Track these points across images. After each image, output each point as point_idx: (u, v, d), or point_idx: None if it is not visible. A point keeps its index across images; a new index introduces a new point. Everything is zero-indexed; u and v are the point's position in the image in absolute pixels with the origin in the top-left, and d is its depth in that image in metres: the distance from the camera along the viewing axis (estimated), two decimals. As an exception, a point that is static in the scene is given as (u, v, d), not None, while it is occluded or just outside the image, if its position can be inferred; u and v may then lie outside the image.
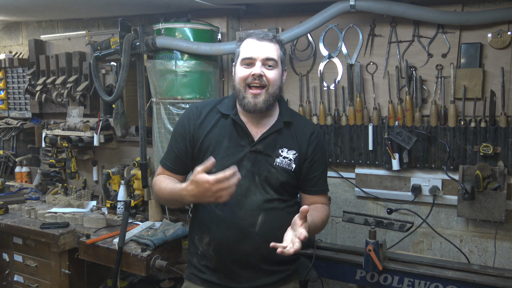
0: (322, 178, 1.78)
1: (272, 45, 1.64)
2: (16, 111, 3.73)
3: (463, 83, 2.30)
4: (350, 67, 2.54)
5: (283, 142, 1.69)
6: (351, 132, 2.56)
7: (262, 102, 1.61)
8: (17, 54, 3.74)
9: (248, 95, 1.61)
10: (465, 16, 2.23)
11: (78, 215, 2.75)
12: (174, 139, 1.76)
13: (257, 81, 1.59)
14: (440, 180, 2.42)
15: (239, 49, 1.67)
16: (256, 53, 1.60)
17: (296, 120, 1.76)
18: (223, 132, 1.68)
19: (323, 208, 1.77)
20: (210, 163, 1.44)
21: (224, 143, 1.66)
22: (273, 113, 1.72)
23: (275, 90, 1.63)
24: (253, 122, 1.69)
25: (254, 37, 1.64)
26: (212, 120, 1.71)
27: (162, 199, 1.72)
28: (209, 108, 1.74)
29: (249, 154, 1.66)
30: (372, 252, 2.07)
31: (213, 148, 1.66)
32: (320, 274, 2.37)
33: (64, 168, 3.41)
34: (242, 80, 1.62)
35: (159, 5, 2.69)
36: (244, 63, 1.63)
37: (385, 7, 2.25)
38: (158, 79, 2.56)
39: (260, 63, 1.60)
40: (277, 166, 1.67)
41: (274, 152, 1.68)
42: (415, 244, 2.58)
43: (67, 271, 2.62)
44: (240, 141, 1.67)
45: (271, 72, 1.61)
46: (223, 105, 1.73)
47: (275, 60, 1.62)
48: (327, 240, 2.78)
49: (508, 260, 2.37)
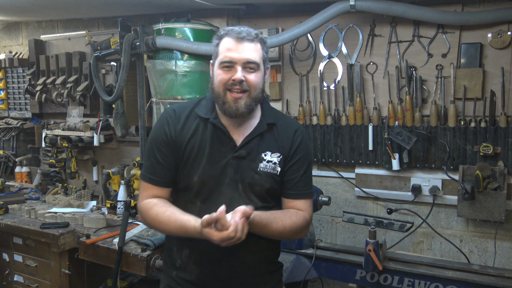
0: (302, 181, 1.62)
1: (254, 46, 1.50)
2: (16, 111, 3.73)
3: (463, 83, 2.30)
4: (350, 67, 2.54)
5: (266, 145, 1.58)
6: (351, 132, 2.56)
7: (243, 106, 1.49)
8: (17, 54, 3.74)
9: (229, 100, 1.49)
10: (465, 16, 2.23)
11: (78, 215, 2.75)
12: (156, 150, 1.59)
13: (238, 86, 1.48)
14: (440, 180, 2.42)
15: (217, 48, 1.52)
16: (236, 56, 1.47)
17: (279, 120, 1.64)
18: (205, 138, 1.56)
19: (295, 214, 1.59)
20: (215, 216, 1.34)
21: (207, 149, 1.55)
22: (255, 115, 1.60)
23: (257, 94, 1.52)
24: (234, 126, 1.57)
25: (233, 36, 1.49)
26: (192, 124, 1.58)
27: (164, 232, 1.61)
28: (188, 112, 1.60)
29: (232, 160, 1.55)
30: (372, 252, 2.07)
31: (196, 155, 1.55)
32: (320, 274, 2.37)
33: (64, 168, 3.41)
34: (221, 84, 1.49)
35: (159, 5, 2.69)
36: (223, 66, 1.49)
37: (385, 7, 2.25)
38: (158, 79, 2.56)
39: (240, 67, 1.47)
40: (261, 172, 1.56)
41: (257, 156, 1.57)
42: (415, 244, 2.57)
43: (67, 271, 2.62)
44: (222, 147, 1.56)
45: (252, 76, 1.49)
46: (201, 108, 1.60)
47: (256, 63, 1.49)
48: (327, 240, 2.78)
49: (508, 260, 2.37)
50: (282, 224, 1.54)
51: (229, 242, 1.37)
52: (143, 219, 1.62)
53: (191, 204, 1.57)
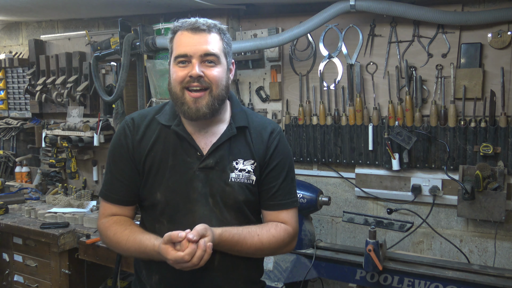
0: (282, 189, 1.44)
1: (211, 37, 1.34)
2: (16, 111, 3.73)
3: (463, 83, 2.30)
4: (350, 67, 2.54)
5: (238, 152, 1.41)
6: (351, 132, 2.56)
7: (205, 106, 1.33)
8: (17, 54, 3.74)
9: (188, 100, 1.33)
10: (465, 16, 2.23)
11: (78, 215, 2.75)
12: (113, 163, 1.44)
13: (196, 83, 1.32)
14: (440, 180, 2.42)
15: (171, 43, 1.38)
16: (191, 48, 1.32)
17: (252, 122, 1.46)
18: (167, 148, 1.40)
19: (274, 226, 1.42)
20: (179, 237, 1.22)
21: (169, 161, 1.39)
22: (223, 118, 1.44)
23: (220, 91, 1.35)
24: (200, 132, 1.41)
25: (187, 28, 1.34)
26: (153, 134, 1.41)
27: (123, 253, 1.46)
28: (148, 120, 1.44)
29: (199, 172, 1.37)
30: (372, 252, 2.07)
31: (157, 169, 1.39)
32: (320, 274, 2.37)
33: (64, 168, 3.41)
34: (178, 83, 1.33)
35: (159, 5, 2.70)
36: (178, 62, 1.34)
37: (385, 7, 2.25)
38: (158, 79, 2.56)
39: (197, 61, 1.32)
40: (233, 183, 1.38)
41: (228, 166, 1.39)
42: (415, 244, 2.57)
43: (67, 271, 2.62)
44: (187, 157, 1.39)
45: (212, 70, 1.33)
46: (163, 114, 1.44)
47: (215, 55, 1.34)
48: (327, 240, 2.78)
49: (508, 260, 2.37)
50: (259, 239, 1.37)
51: (183, 266, 1.23)
52: (102, 239, 1.48)
53: (159, 224, 1.41)
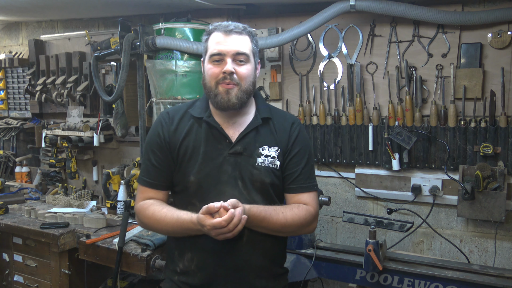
0: (303, 174, 1.59)
1: (242, 38, 1.51)
2: (16, 111, 3.73)
3: (463, 83, 2.30)
4: (350, 67, 2.54)
5: (263, 140, 1.57)
6: (351, 132, 2.56)
7: (234, 97, 1.49)
8: (17, 54, 3.74)
9: (221, 91, 1.50)
10: (465, 16, 2.23)
11: (78, 215, 2.75)
12: (151, 152, 1.60)
13: (228, 79, 1.48)
14: (440, 180, 2.42)
15: (206, 44, 1.54)
16: (225, 47, 1.49)
17: (275, 115, 1.64)
18: (199, 137, 1.56)
19: (297, 206, 1.57)
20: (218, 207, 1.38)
21: (201, 148, 1.55)
22: (250, 111, 1.61)
23: (248, 87, 1.52)
24: (228, 123, 1.58)
25: (221, 30, 1.51)
26: (186, 125, 1.59)
27: (161, 230, 1.60)
28: (181, 114, 1.62)
29: (228, 157, 1.54)
30: (372, 252, 2.07)
31: (190, 155, 1.55)
32: (320, 274, 2.37)
33: (64, 168, 3.41)
34: (212, 78, 1.51)
35: (159, 5, 2.69)
36: (213, 60, 1.50)
37: (385, 7, 2.25)
38: (158, 79, 2.56)
39: (230, 59, 1.48)
40: (260, 167, 1.54)
41: (255, 151, 1.55)
42: (415, 244, 2.57)
43: (67, 271, 2.62)
44: (218, 144, 1.55)
45: (243, 68, 1.50)
46: (195, 108, 1.62)
47: (246, 55, 1.50)
48: (327, 240, 2.78)
49: (508, 260, 2.37)
50: (283, 216, 1.52)
51: (219, 231, 1.37)
52: (139, 220, 1.62)
53: (191, 206, 1.55)
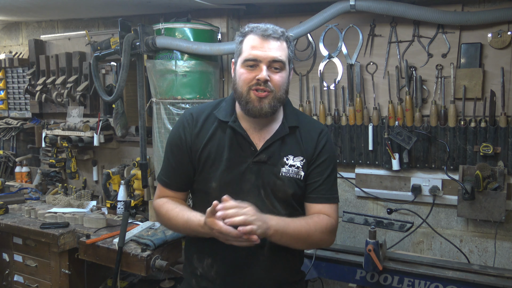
0: (326, 184, 1.54)
1: (280, 44, 1.42)
2: (16, 111, 3.73)
3: (463, 83, 2.30)
4: (350, 67, 2.54)
5: (289, 149, 1.51)
6: (351, 132, 2.56)
7: (267, 106, 1.42)
8: (17, 54, 3.74)
9: (253, 99, 1.42)
10: (465, 16, 2.22)
11: (78, 215, 2.75)
12: (170, 153, 1.58)
13: (262, 86, 1.41)
14: (440, 180, 2.42)
15: (241, 46, 1.46)
16: (261, 54, 1.40)
17: (302, 122, 1.58)
18: (223, 142, 1.51)
19: (317, 216, 1.52)
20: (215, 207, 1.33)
21: (225, 154, 1.50)
22: (277, 117, 1.54)
23: (281, 95, 1.45)
24: (255, 128, 1.51)
25: (259, 33, 1.42)
26: (210, 128, 1.53)
27: (173, 228, 1.59)
28: (206, 115, 1.56)
29: (252, 165, 1.49)
30: (372, 252, 2.07)
31: (213, 160, 1.50)
32: (320, 274, 2.37)
33: (64, 168, 3.41)
34: (245, 84, 1.43)
35: (159, 5, 2.69)
36: (246, 65, 1.43)
37: (385, 7, 2.25)
38: (158, 79, 2.56)
39: (265, 66, 1.40)
40: (284, 177, 1.50)
41: (279, 161, 1.50)
42: (415, 244, 2.57)
43: (67, 271, 2.62)
44: (242, 152, 1.50)
45: (278, 76, 1.42)
46: (221, 110, 1.55)
47: (282, 62, 1.43)
48: (327, 240, 2.78)
49: (508, 260, 2.37)
50: (305, 230, 1.46)
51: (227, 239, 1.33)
52: (156, 216, 1.63)
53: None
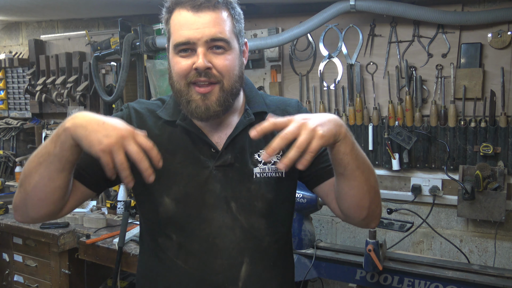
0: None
1: (219, 15, 1.06)
2: (16, 111, 3.73)
3: (463, 83, 2.30)
4: (350, 67, 2.54)
5: (258, 142, 1.12)
6: (351, 132, 2.56)
7: (215, 103, 1.07)
8: (17, 54, 3.74)
9: (195, 97, 1.08)
10: (465, 16, 2.22)
11: (78, 215, 2.75)
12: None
13: (203, 77, 1.06)
14: (440, 180, 2.42)
15: (168, 26, 1.13)
16: (194, 32, 1.04)
17: (271, 105, 1.23)
18: (172, 147, 1.15)
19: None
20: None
21: (176, 161, 1.14)
22: (237, 106, 1.18)
23: (233, 84, 1.09)
24: (211, 125, 1.16)
25: (187, 5, 1.07)
26: (153, 130, 1.16)
27: (28, 184, 1.08)
28: (147, 112, 1.20)
29: (215, 171, 1.13)
30: (372, 252, 2.07)
31: (161, 172, 1.05)
32: (320, 274, 2.37)
33: (64, 168, 3.40)
34: (181, 77, 1.08)
35: (159, 5, 2.69)
36: (179, 50, 1.08)
37: (385, 7, 2.25)
38: (158, 79, 2.56)
39: (203, 48, 1.05)
40: (259, 180, 1.13)
41: (250, 160, 1.15)
42: (415, 244, 2.57)
43: (67, 271, 2.62)
44: (199, 155, 1.14)
45: (222, 59, 1.06)
46: (166, 108, 1.20)
47: (225, 40, 1.06)
48: (327, 240, 2.78)
49: (508, 260, 2.37)
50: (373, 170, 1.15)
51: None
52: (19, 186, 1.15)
53: (165, 239, 1.15)
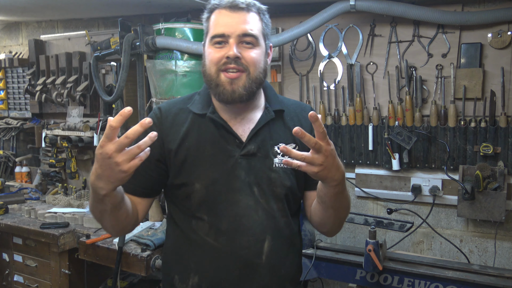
0: None
1: (250, 16, 1.27)
2: (16, 111, 3.73)
3: (463, 83, 2.30)
4: (350, 67, 2.54)
5: (278, 136, 1.34)
6: (351, 132, 2.56)
7: (241, 87, 1.25)
8: (17, 54, 3.74)
9: (223, 81, 1.25)
10: (465, 16, 2.23)
11: (78, 215, 2.75)
12: None
13: (233, 65, 1.24)
14: (440, 180, 2.42)
15: (207, 23, 1.33)
16: (228, 27, 1.25)
17: (288, 105, 1.42)
18: (202, 137, 1.32)
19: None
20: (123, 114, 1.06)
21: (207, 150, 1.31)
22: (259, 104, 1.37)
23: (258, 74, 1.27)
24: (236, 119, 1.34)
25: (224, 6, 1.28)
26: (185, 123, 1.34)
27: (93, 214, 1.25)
28: (177, 109, 1.38)
29: (241, 159, 1.30)
30: (372, 252, 2.07)
31: (194, 158, 1.30)
32: (320, 274, 2.37)
33: (64, 168, 3.41)
34: (213, 64, 1.27)
35: (159, 5, 2.69)
36: (214, 42, 1.28)
37: (385, 7, 2.25)
38: (158, 79, 2.56)
39: (235, 41, 1.25)
40: (278, 168, 1.32)
41: (270, 151, 1.33)
42: (415, 244, 2.57)
43: (67, 271, 2.62)
44: (226, 145, 1.31)
45: (250, 52, 1.26)
46: (195, 103, 1.37)
47: (254, 36, 1.26)
48: (327, 240, 2.78)
49: (508, 260, 2.37)
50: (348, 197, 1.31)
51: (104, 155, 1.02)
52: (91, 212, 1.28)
53: (196, 220, 1.32)
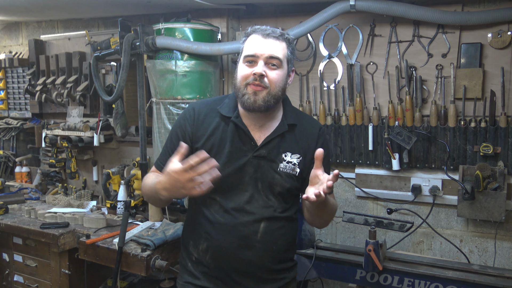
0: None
1: (278, 43, 1.55)
2: (16, 111, 3.73)
3: (463, 83, 2.30)
4: (350, 67, 2.54)
5: (287, 146, 1.63)
6: (351, 132, 2.56)
7: (261, 100, 1.52)
8: (17, 54, 3.74)
9: (248, 92, 1.53)
10: (465, 16, 2.23)
11: (78, 215, 2.75)
12: (170, 141, 1.70)
13: (258, 82, 1.51)
14: (440, 180, 2.42)
15: (243, 45, 1.59)
16: (259, 50, 1.52)
17: (301, 120, 1.69)
18: (225, 136, 1.61)
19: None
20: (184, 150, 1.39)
21: (226, 147, 1.60)
22: (277, 115, 1.65)
23: (277, 92, 1.55)
24: (255, 126, 1.62)
25: (259, 33, 1.56)
26: (213, 122, 1.64)
27: (145, 196, 1.68)
28: (208, 109, 1.67)
29: (252, 159, 1.60)
30: (372, 252, 2.07)
31: (215, 153, 1.59)
32: (320, 274, 2.37)
33: (64, 168, 3.40)
34: (243, 79, 1.54)
35: (159, 5, 2.70)
36: (246, 61, 1.55)
37: (385, 7, 2.25)
38: (158, 79, 2.56)
39: (262, 62, 1.52)
40: (281, 172, 1.61)
41: (278, 157, 1.61)
42: (415, 244, 2.58)
43: (67, 271, 2.62)
44: (243, 146, 1.60)
45: (273, 73, 1.53)
46: (224, 106, 1.65)
47: (279, 59, 1.54)
48: (327, 240, 2.78)
49: (508, 260, 2.37)
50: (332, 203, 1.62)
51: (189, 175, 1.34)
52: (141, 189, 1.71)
53: (210, 200, 1.62)
